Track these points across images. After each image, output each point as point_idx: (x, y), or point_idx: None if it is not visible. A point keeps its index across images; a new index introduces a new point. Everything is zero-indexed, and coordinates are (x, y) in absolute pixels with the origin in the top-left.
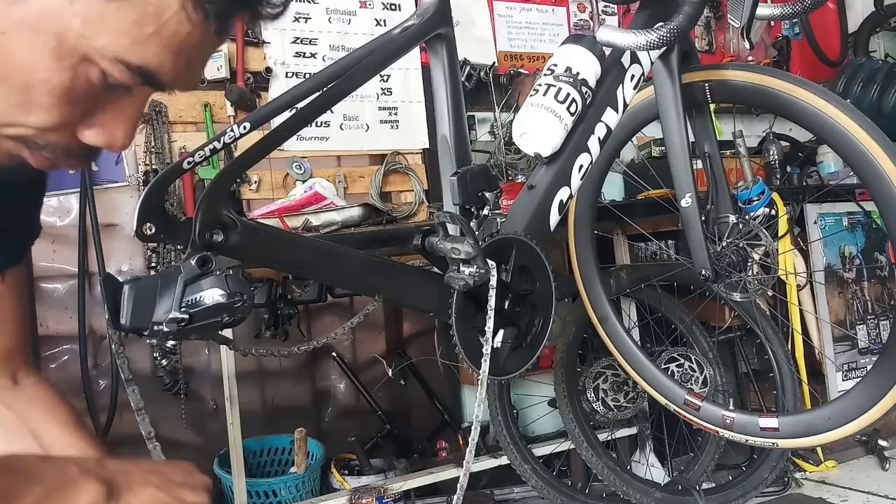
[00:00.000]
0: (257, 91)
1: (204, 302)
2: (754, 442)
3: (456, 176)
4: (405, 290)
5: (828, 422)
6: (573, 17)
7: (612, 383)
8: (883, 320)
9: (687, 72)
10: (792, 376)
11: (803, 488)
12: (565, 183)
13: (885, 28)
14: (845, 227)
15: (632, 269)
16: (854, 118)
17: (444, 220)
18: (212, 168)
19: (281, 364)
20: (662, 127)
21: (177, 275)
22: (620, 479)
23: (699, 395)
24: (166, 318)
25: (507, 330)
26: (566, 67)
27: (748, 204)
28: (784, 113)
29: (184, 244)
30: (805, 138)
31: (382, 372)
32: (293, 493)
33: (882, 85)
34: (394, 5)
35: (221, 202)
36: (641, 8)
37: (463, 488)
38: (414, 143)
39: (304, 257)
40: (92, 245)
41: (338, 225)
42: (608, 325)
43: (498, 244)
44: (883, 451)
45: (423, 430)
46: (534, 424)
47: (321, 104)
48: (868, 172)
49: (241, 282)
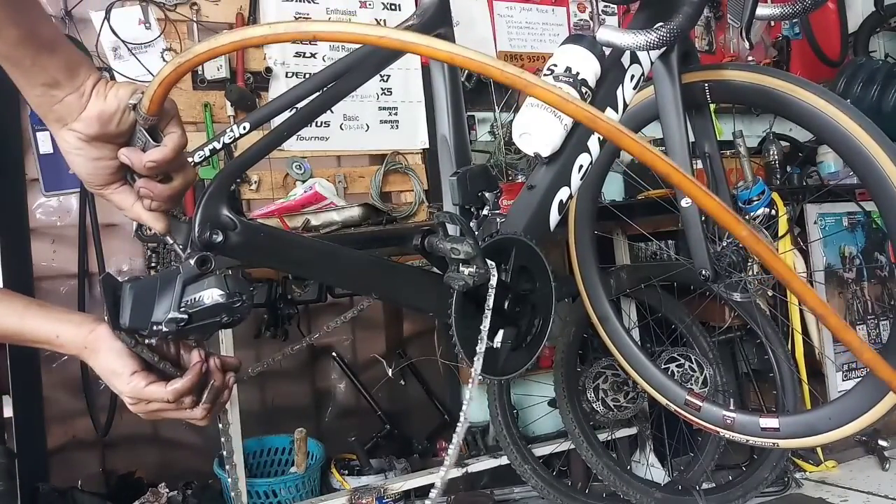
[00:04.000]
0: (257, 91)
1: (203, 302)
2: (755, 442)
3: (456, 176)
4: (405, 291)
5: (828, 422)
6: (573, 17)
7: (612, 383)
8: (883, 320)
9: (687, 72)
10: (792, 376)
11: (803, 488)
12: (565, 183)
13: (885, 28)
14: (845, 227)
15: (632, 269)
16: (854, 118)
17: (444, 220)
18: (212, 168)
19: (281, 364)
20: (662, 127)
21: (176, 275)
22: (620, 479)
23: (700, 395)
24: (165, 318)
25: (507, 330)
26: (566, 67)
27: (748, 204)
28: (784, 113)
29: (183, 244)
30: (805, 138)
31: (382, 372)
32: (293, 493)
33: (882, 85)
34: (394, 5)
35: (221, 202)
36: (641, 8)
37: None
38: (414, 143)
39: (303, 257)
40: (92, 245)
41: (338, 225)
42: (608, 325)
43: (497, 244)
44: (883, 451)
45: (423, 430)
46: (534, 424)
47: (321, 104)
48: (868, 172)
49: (240, 282)
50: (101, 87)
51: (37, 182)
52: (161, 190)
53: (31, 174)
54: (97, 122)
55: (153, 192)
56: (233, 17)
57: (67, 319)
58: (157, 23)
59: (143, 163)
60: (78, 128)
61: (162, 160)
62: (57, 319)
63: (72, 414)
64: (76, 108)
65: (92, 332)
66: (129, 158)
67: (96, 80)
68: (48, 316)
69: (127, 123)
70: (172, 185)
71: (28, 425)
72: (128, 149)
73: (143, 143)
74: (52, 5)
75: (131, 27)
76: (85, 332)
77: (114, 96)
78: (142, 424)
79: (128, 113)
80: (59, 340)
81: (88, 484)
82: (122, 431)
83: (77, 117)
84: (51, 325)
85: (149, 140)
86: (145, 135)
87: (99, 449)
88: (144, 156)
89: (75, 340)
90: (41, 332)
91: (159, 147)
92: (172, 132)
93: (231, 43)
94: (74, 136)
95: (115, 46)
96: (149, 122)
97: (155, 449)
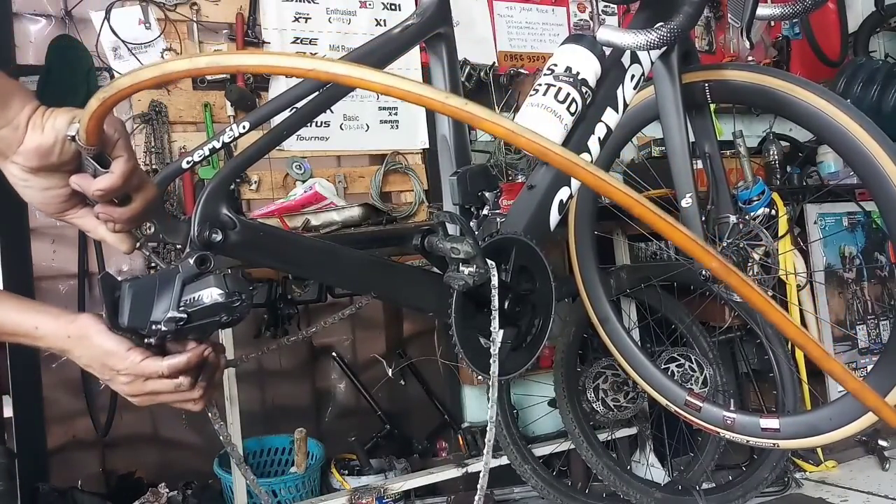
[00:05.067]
0: (257, 91)
1: (202, 301)
2: (755, 443)
3: (455, 176)
4: (405, 291)
5: (828, 422)
6: (573, 17)
7: (612, 383)
8: (883, 320)
9: (687, 72)
10: (792, 376)
11: (803, 488)
12: (565, 183)
13: (885, 28)
14: (845, 227)
15: (632, 270)
16: (854, 118)
17: (444, 219)
18: (212, 168)
19: (281, 364)
20: (662, 127)
21: (175, 274)
22: (620, 479)
23: (700, 395)
24: (164, 318)
25: (507, 330)
26: (566, 67)
27: (748, 204)
28: (784, 113)
29: (183, 243)
30: (805, 138)
31: (382, 372)
32: (293, 493)
33: (882, 85)
34: (394, 5)
35: (220, 201)
36: (642, 8)
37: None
38: (414, 143)
39: (303, 257)
40: (92, 245)
41: (338, 225)
42: (608, 325)
43: (497, 244)
44: (883, 451)
45: (423, 430)
46: (534, 424)
47: (320, 104)
48: (868, 172)
49: (239, 281)
50: (38, 119)
51: None
52: (121, 213)
53: None
54: (36, 155)
55: (112, 215)
56: (233, 17)
57: (45, 311)
58: (157, 23)
59: (93, 191)
60: (19, 161)
61: (110, 188)
62: (35, 311)
63: (72, 414)
64: (14, 142)
65: (74, 322)
66: (79, 185)
67: (31, 112)
68: (26, 308)
69: (69, 153)
70: (132, 206)
71: (28, 425)
72: (78, 175)
73: (93, 169)
74: (52, 5)
75: (131, 27)
76: (65, 323)
77: (51, 127)
78: (142, 424)
79: (67, 143)
80: (38, 332)
81: (88, 484)
82: (122, 431)
83: (16, 150)
84: (30, 318)
85: (97, 167)
86: (92, 162)
87: (99, 449)
88: (94, 184)
89: (56, 332)
90: (20, 324)
91: (107, 174)
92: (119, 157)
93: (152, 77)
94: (18, 168)
95: (115, 46)
96: (91, 151)
97: (155, 449)
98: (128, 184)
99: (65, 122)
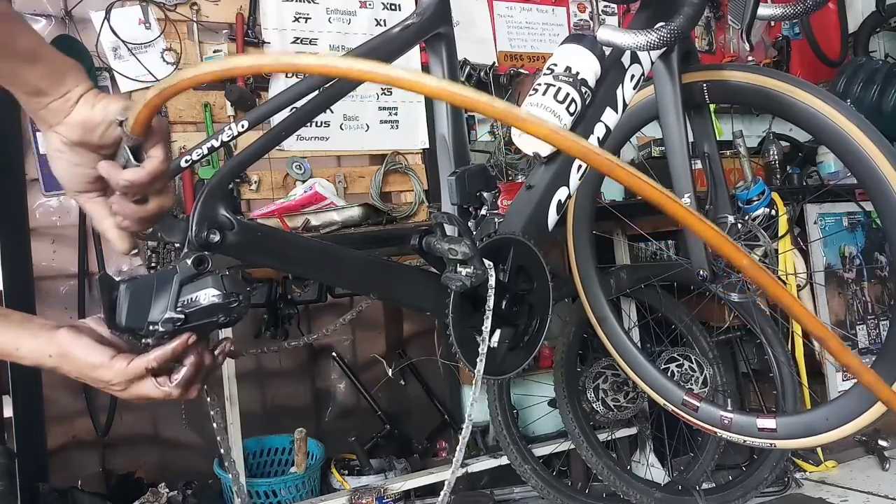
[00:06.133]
0: (257, 91)
1: (200, 302)
2: (752, 443)
3: (454, 176)
4: (404, 291)
5: (826, 422)
6: (573, 17)
7: (612, 383)
8: (883, 320)
9: (687, 72)
10: (792, 377)
11: (803, 488)
12: (563, 183)
13: (885, 28)
14: (845, 227)
15: (631, 270)
16: (852, 119)
17: (442, 220)
18: (211, 167)
19: (281, 364)
20: (662, 127)
21: (173, 274)
22: (620, 479)
23: (697, 395)
24: (162, 318)
25: (504, 330)
26: (566, 67)
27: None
28: (782, 114)
29: (181, 242)
30: (805, 138)
31: (382, 372)
32: (293, 493)
33: (882, 85)
34: (394, 5)
35: (219, 202)
36: (642, 8)
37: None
38: (414, 143)
39: (302, 257)
40: (92, 245)
41: (338, 225)
42: (607, 325)
43: (495, 244)
44: (883, 451)
45: (423, 430)
46: (534, 424)
47: (320, 103)
48: (866, 174)
49: (237, 282)
50: (91, 97)
51: (37, 182)
52: (133, 210)
53: (31, 174)
54: (80, 129)
55: (124, 211)
56: (233, 17)
57: (26, 329)
58: (157, 23)
59: (118, 180)
60: (62, 131)
61: (136, 182)
62: (16, 330)
63: (72, 414)
64: (61, 113)
65: (52, 340)
66: (107, 172)
67: (86, 90)
68: (7, 327)
69: (111, 137)
70: (146, 207)
71: (28, 425)
72: (107, 162)
73: (125, 160)
74: (52, 5)
75: (131, 27)
76: (44, 342)
77: (102, 108)
78: (142, 424)
79: (113, 127)
80: (19, 353)
81: (88, 484)
82: (122, 431)
83: (62, 121)
84: (10, 339)
85: (130, 159)
86: (128, 152)
87: (99, 449)
88: (121, 174)
89: (36, 352)
90: (1, 345)
91: (137, 168)
92: (155, 156)
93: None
94: (58, 138)
95: (115, 46)
96: (133, 140)
97: (155, 449)
98: (153, 184)
99: (117, 108)
